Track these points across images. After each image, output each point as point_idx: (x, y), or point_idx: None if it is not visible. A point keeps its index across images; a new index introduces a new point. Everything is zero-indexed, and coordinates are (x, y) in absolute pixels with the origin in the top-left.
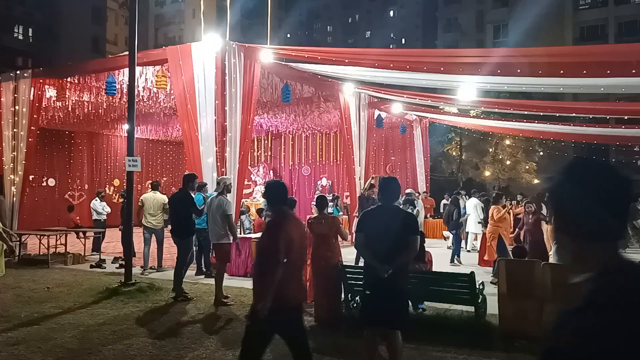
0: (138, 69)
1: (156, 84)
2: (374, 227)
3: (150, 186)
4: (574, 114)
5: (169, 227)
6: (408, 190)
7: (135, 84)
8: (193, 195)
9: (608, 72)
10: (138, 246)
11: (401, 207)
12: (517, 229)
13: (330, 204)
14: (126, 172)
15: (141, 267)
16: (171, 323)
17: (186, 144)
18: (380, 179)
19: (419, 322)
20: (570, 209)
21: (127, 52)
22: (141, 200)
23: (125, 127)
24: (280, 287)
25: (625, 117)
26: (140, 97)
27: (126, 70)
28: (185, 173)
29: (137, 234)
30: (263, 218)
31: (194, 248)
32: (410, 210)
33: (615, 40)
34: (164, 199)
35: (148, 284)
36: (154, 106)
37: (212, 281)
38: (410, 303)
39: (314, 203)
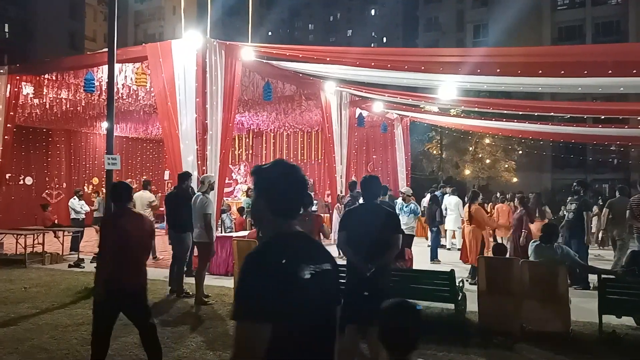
0: (117, 66)
1: (136, 82)
2: (356, 225)
3: (142, 184)
4: (552, 114)
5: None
6: (404, 189)
7: (115, 81)
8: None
9: (585, 72)
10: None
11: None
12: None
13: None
14: (105, 171)
15: None
16: None
17: (166, 142)
18: (362, 178)
19: None
20: (271, 196)
21: (106, 49)
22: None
23: (105, 124)
24: (117, 274)
25: (602, 117)
26: (120, 94)
27: (105, 67)
28: (180, 172)
29: None
30: (244, 217)
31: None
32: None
33: (593, 41)
34: (151, 197)
35: None
36: (134, 104)
37: (193, 280)
38: None
39: None
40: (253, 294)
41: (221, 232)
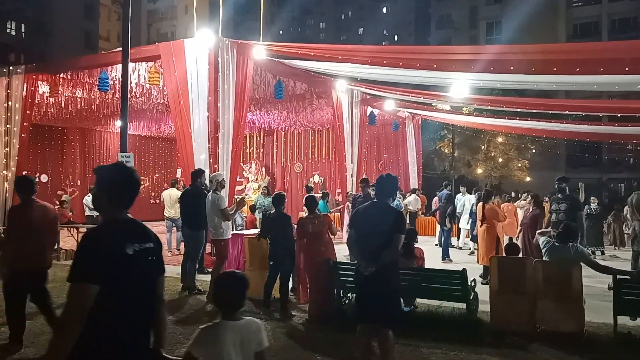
0: (131, 65)
1: (149, 80)
2: (363, 224)
3: (170, 183)
4: (567, 112)
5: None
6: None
7: (128, 80)
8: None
9: (601, 69)
10: None
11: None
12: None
13: (321, 201)
14: None
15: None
16: None
17: (179, 141)
18: (379, 176)
19: (411, 318)
20: (108, 190)
21: (119, 48)
22: (162, 195)
23: (118, 123)
24: (21, 257)
25: (618, 115)
26: (133, 93)
27: (119, 66)
28: (194, 170)
29: None
30: (255, 214)
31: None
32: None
33: (609, 38)
34: (178, 194)
35: None
36: (147, 102)
37: (206, 277)
38: (402, 301)
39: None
40: (85, 262)
41: (233, 230)
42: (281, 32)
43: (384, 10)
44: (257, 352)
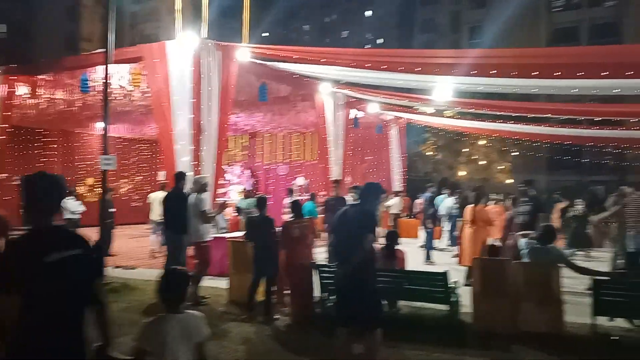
0: (113, 66)
1: (131, 82)
2: (340, 227)
3: (160, 186)
4: (547, 115)
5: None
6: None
7: (110, 82)
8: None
9: (581, 73)
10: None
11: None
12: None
13: (310, 202)
14: (101, 171)
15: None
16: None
17: (161, 143)
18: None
19: (394, 320)
20: (32, 199)
21: (101, 50)
22: (149, 198)
23: (100, 125)
24: None
25: (597, 119)
26: (115, 95)
27: (101, 67)
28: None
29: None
30: (240, 216)
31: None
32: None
33: (588, 42)
34: None
35: (122, 283)
36: (129, 104)
37: None
38: (384, 302)
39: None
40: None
41: (216, 233)
42: (265, 34)
43: (368, 14)
44: (198, 342)
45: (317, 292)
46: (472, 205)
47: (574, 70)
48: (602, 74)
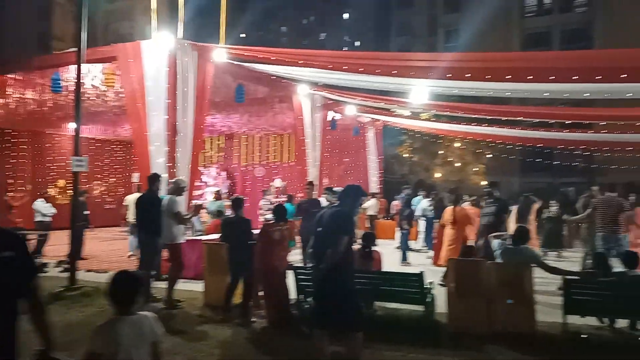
0: (86, 66)
1: (105, 82)
2: (318, 229)
3: (136, 188)
4: (520, 118)
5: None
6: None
7: (82, 82)
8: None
9: (552, 78)
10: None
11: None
12: None
13: (288, 204)
14: (72, 173)
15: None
16: None
17: (136, 144)
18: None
19: (370, 321)
20: None
21: (74, 49)
22: (126, 200)
23: (72, 125)
24: None
25: (567, 122)
26: (88, 95)
27: (73, 67)
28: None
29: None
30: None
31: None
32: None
33: (560, 47)
34: None
35: (94, 287)
36: (102, 104)
37: (162, 284)
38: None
39: (271, 209)
40: None
41: (191, 235)
42: (243, 35)
43: (346, 16)
44: (152, 342)
45: (293, 294)
46: (452, 206)
47: (546, 75)
48: (572, 78)
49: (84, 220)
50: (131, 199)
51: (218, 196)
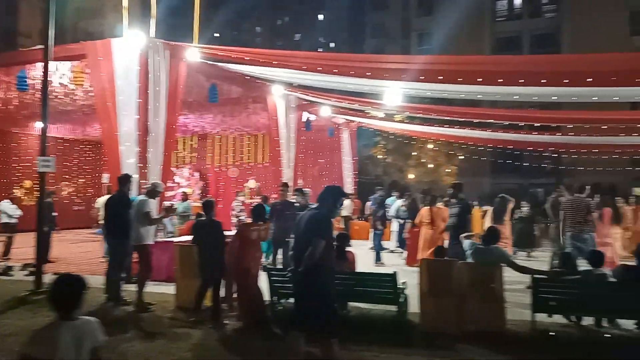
0: (54, 63)
1: (73, 80)
2: (297, 231)
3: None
4: (491, 120)
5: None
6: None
7: (50, 80)
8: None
9: (521, 81)
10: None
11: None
12: None
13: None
14: (39, 173)
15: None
16: None
17: (106, 144)
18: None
19: (343, 322)
20: None
21: (41, 46)
22: (98, 202)
23: (39, 125)
24: None
25: (536, 125)
26: (55, 93)
27: (40, 64)
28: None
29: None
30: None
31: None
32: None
33: (529, 51)
34: None
35: None
36: (71, 103)
37: (132, 287)
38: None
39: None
40: None
41: (163, 237)
42: (216, 35)
43: (320, 17)
44: (93, 347)
45: (266, 295)
46: (429, 206)
47: (515, 78)
48: (541, 81)
49: (51, 222)
50: (102, 200)
51: (185, 197)
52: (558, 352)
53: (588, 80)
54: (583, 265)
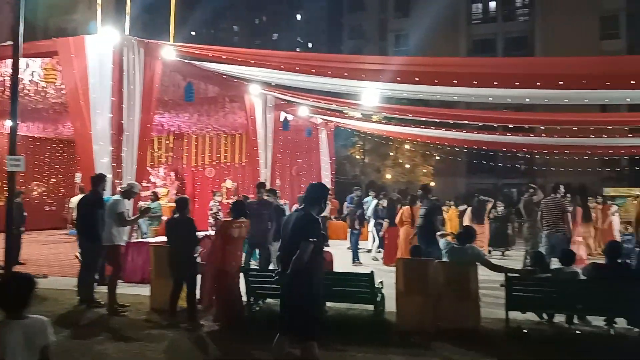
0: (24, 60)
1: (44, 78)
2: (285, 232)
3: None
4: (466, 121)
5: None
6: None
7: (20, 76)
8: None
9: (495, 83)
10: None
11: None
12: None
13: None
14: (7, 173)
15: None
16: (57, 335)
17: (78, 143)
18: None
19: (321, 322)
20: None
21: (10, 42)
22: (71, 202)
23: (8, 123)
24: None
25: (510, 126)
26: (26, 91)
27: (9, 61)
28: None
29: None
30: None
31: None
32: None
33: (503, 54)
34: None
35: None
36: (42, 101)
37: (105, 288)
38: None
39: (230, 207)
40: None
41: (137, 238)
42: (193, 33)
43: (298, 17)
44: (43, 346)
45: (244, 296)
46: (409, 206)
47: (490, 80)
48: (514, 84)
49: (21, 222)
50: (76, 200)
51: (155, 197)
52: (531, 348)
53: (560, 83)
54: (556, 263)
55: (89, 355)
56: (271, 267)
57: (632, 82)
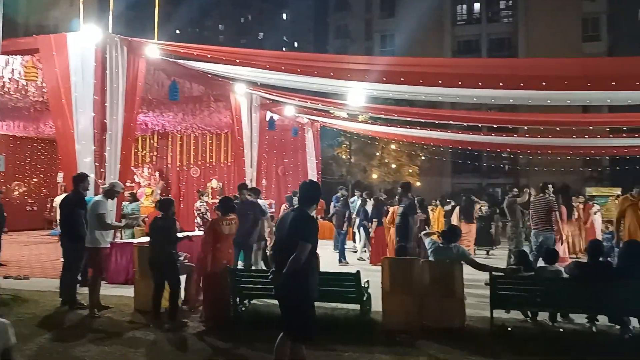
0: (4, 58)
1: (25, 76)
2: (281, 232)
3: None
4: (451, 122)
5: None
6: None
7: (0, 74)
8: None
9: (480, 84)
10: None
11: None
12: None
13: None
14: None
15: None
16: (39, 337)
17: (60, 142)
18: (301, 183)
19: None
20: None
21: None
22: (55, 201)
23: None
24: None
25: (495, 126)
26: (6, 89)
27: None
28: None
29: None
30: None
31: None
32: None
33: (487, 55)
34: None
35: (12, 295)
36: (23, 100)
37: (87, 290)
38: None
39: (217, 206)
40: None
41: (121, 238)
42: (178, 31)
43: (284, 16)
44: (4, 349)
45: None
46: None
47: (474, 81)
48: (498, 84)
49: (1, 223)
50: (59, 200)
51: (134, 198)
52: (515, 346)
53: (542, 84)
54: (540, 262)
55: (71, 358)
56: (253, 267)
57: (612, 83)
